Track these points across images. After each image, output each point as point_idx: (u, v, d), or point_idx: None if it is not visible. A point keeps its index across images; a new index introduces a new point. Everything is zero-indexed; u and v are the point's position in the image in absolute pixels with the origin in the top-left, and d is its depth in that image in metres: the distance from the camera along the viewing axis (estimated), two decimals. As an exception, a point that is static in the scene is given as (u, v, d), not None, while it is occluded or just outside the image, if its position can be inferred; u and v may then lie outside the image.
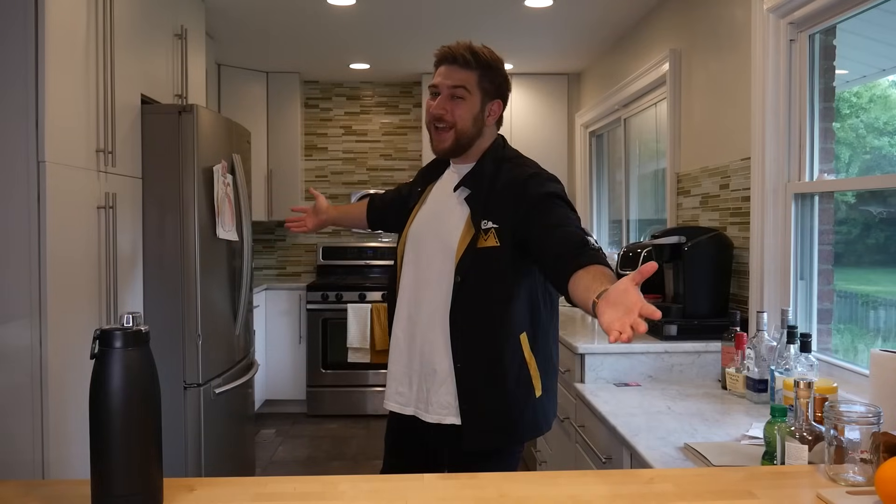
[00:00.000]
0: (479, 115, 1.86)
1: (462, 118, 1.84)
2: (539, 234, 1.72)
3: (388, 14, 4.06)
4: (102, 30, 2.52)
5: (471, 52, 1.83)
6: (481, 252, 1.78)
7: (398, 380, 1.92)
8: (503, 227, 1.78)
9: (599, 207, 5.38)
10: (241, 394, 3.36)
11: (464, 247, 1.80)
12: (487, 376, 1.80)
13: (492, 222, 1.79)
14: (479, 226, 1.79)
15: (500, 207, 1.79)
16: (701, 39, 3.23)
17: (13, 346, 2.15)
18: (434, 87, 1.87)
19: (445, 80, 1.84)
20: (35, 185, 2.15)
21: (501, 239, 1.78)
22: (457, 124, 1.84)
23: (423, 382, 1.86)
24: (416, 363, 1.88)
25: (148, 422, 1.21)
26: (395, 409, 1.93)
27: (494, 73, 1.87)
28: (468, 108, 1.84)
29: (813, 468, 1.42)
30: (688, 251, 2.74)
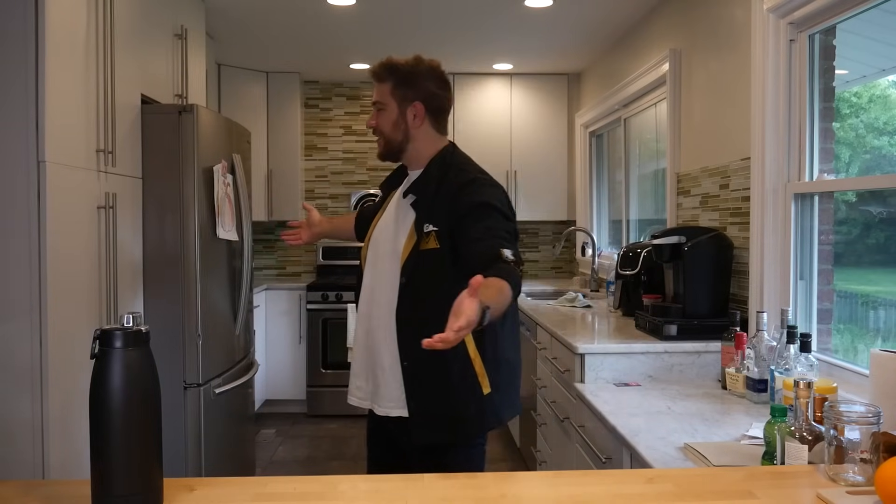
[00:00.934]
0: (399, 120, 2.01)
1: (384, 125, 2.02)
2: (462, 244, 1.85)
3: (388, 14, 4.06)
4: (102, 30, 2.52)
5: (385, 67, 2.01)
6: (423, 254, 1.90)
7: (357, 375, 2.04)
8: (442, 231, 1.89)
9: (599, 207, 5.39)
10: (241, 394, 3.36)
11: (408, 250, 1.93)
12: (431, 373, 1.89)
13: (432, 225, 1.91)
14: (422, 229, 1.91)
15: (441, 211, 1.91)
16: (701, 39, 3.23)
17: (13, 346, 2.15)
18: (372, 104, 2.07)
19: (373, 97, 2.05)
20: (35, 185, 2.15)
21: (441, 241, 1.89)
22: (383, 132, 2.03)
23: (375, 378, 1.98)
24: (370, 360, 2.00)
25: (148, 422, 1.21)
26: (355, 402, 2.06)
27: (410, 79, 2.01)
28: (387, 117, 2.01)
29: (813, 468, 1.42)
30: (688, 251, 2.74)
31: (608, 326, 3.15)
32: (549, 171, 5.66)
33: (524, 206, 5.64)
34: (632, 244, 3.56)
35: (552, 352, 3.08)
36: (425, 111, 2.02)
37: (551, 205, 5.68)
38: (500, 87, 5.64)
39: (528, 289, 5.00)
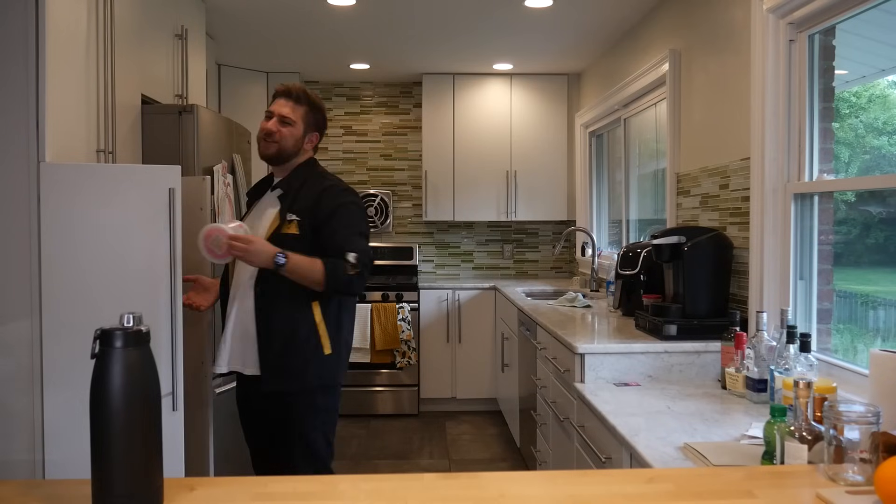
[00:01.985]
0: (299, 140, 2.46)
1: (287, 138, 2.43)
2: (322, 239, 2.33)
3: (388, 14, 4.07)
4: (103, 30, 2.52)
5: (304, 92, 2.47)
6: (282, 236, 2.33)
7: (227, 343, 2.42)
8: (304, 221, 2.35)
9: (599, 207, 5.39)
10: (241, 394, 3.35)
11: (269, 232, 2.35)
12: (283, 334, 2.34)
13: (295, 216, 2.35)
14: (285, 217, 2.36)
15: (304, 206, 2.36)
16: (701, 40, 3.23)
17: (13, 346, 2.15)
18: (270, 112, 2.45)
19: (280, 111, 2.43)
20: (35, 185, 2.15)
21: (301, 229, 2.34)
22: (281, 143, 2.42)
23: (241, 343, 2.39)
24: (237, 328, 2.40)
25: (148, 422, 1.21)
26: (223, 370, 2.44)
27: (319, 113, 2.51)
28: (293, 133, 2.44)
29: (812, 468, 1.42)
30: (688, 251, 2.74)
31: (608, 326, 3.16)
32: (549, 171, 5.66)
33: (524, 206, 5.65)
34: (632, 244, 3.56)
35: (552, 352, 3.08)
36: (317, 142, 2.54)
37: (551, 205, 5.68)
38: (500, 87, 5.64)
39: (527, 289, 5.01)
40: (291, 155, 2.46)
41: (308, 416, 2.41)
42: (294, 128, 2.43)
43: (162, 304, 2.29)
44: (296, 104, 2.44)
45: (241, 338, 2.40)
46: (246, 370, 2.41)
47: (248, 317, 2.37)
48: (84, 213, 2.22)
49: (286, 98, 2.44)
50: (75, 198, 2.21)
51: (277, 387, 2.36)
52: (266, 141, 2.43)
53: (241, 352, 2.40)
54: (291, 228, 2.35)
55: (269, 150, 2.44)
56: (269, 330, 2.35)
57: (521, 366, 4.11)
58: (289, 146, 2.44)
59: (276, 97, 2.47)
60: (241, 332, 2.40)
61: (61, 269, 2.20)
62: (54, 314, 2.19)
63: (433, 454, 4.46)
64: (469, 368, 5.38)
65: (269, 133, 2.42)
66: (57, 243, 2.20)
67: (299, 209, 2.36)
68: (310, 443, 2.42)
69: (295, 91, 2.45)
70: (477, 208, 5.65)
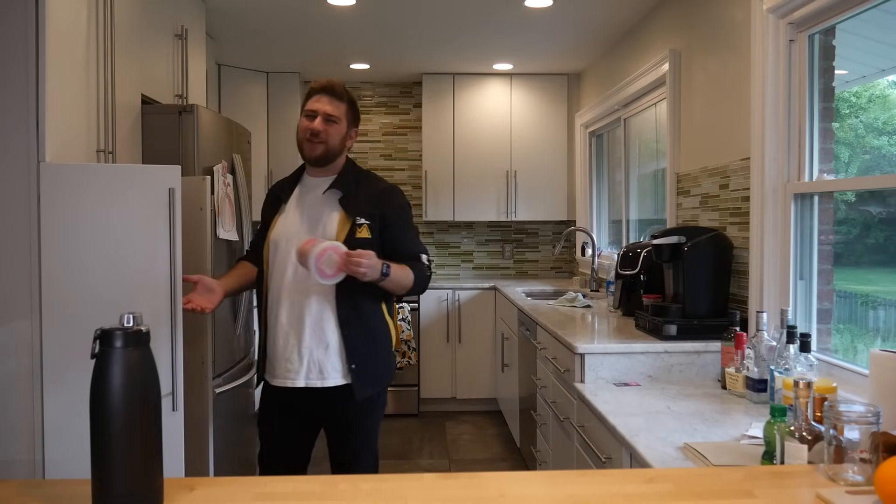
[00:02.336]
0: (343, 137, 2.36)
1: (333, 137, 2.32)
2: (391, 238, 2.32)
3: (388, 14, 4.07)
4: (102, 30, 2.52)
5: (345, 88, 2.36)
6: (357, 241, 2.24)
7: (287, 358, 2.29)
8: (373, 224, 2.30)
9: (599, 207, 5.39)
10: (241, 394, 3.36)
11: (343, 237, 2.25)
12: (367, 339, 2.30)
13: (363, 219, 2.29)
14: (354, 221, 2.28)
15: (368, 208, 2.30)
16: (701, 39, 3.23)
17: (13, 346, 2.15)
18: (312, 111, 2.32)
19: (324, 109, 2.31)
20: (35, 185, 2.15)
21: (372, 232, 2.29)
22: (327, 142, 2.31)
23: (317, 355, 2.27)
24: (309, 339, 2.27)
25: (148, 422, 1.21)
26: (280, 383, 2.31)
27: (356, 109, 2.41)
28: (338, 131, 2.33)
29: (812, 468, 1.42)
30: (688, 251, 2.74)
31: (608, 326, 3.15)
32: (549, 171, 5.66)
33: (524, 206, 5.65)
34: (632, 244, 3.56)
35: (552, 352, 3.08)
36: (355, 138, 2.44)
37: (551, 205, 5.68)
38: (500, 87, 5.64)
39: (527, 289, 5.01)
40: (337, 154, 2.36)
41: (379, 415, 2.41)
42: (339, 125, 2.33)
43: (162, 304, 2.29)
44: (339, 101, 2.33)
45: (315, 349, 2.27)
46: (327, 383, 2.28)
47: (325, 325, 2.27)
48: (84, 213, 2.22)
49: (329, 95, 2.32)
50: (75, 198, 2.21)
51: (368, 392, 2.30)
52: (311, 142, 2.31)
53: (318, 364, 2.28)
54: (363, 232, 2.28)
55: (315, 152, 2.32)
56: (357, 336, 2.28)
57: (521, 366, 4.11)
58: (335, 145, 2.33)
59: (316, 94, 2.34)
60: (315, 342, 2.27)
61: (61, 269, 2.20)
62: (54, 314, 2.19)
63: (433, 454, 4.46)
64: (469, 368, 5.38)
65: (316, 133, 2.30)
66: (57, 243, 2.20)
67: (365, 212, 2.29)
68: (374, 440, 2.43)
69: (338, 87, 2.34)
70: (477, 208, 5.65)
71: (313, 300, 2.27)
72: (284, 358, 2.30)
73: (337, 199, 2.32)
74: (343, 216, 2.29)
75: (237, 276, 2.50)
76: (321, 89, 2.33)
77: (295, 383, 2.29)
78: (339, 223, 2.28)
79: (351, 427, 2.37)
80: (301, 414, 2.39)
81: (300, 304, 2.28)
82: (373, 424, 2.40)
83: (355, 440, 2.38)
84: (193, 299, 2.31)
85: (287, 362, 2.30)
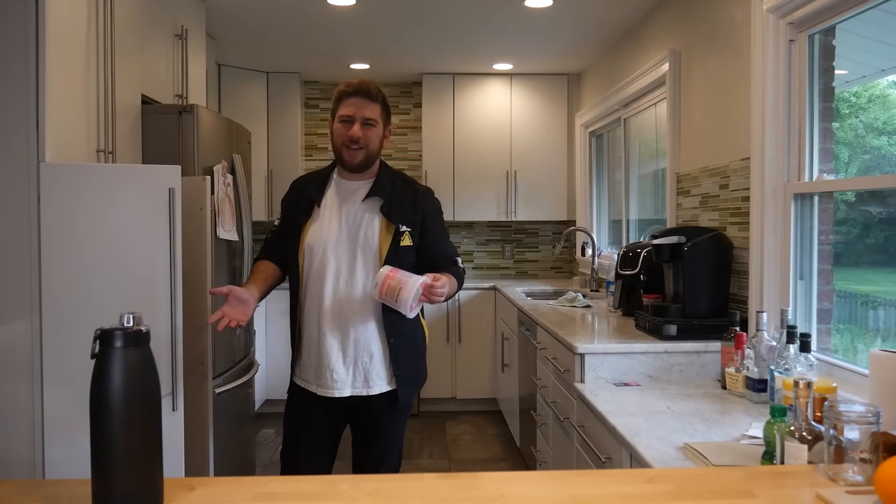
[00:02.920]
0: (381, 138, 2.28)
1: (373, 140, 2.24)
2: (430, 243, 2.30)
3: (388, 14, 4.07)
4: (103, 30, 2.52)
5: (377, 88, 2.25)
6: (402, 249, 2.23)
7: (331, 368, 2.24)
8: (414, 231, 2.26)
9: (599, 207, 5.39)
10: (241, 394, 3.36)
11: (386, 246, 2.22)
12: (410, 343, 2.31)
13: (405, 226, 2.25)
14: (398, 228, 2.23)
15: (406, 214, 2.26)
16: (701, 40, 3.23)
17: (13, 346, 2.15)
18: (348, 117, 2.22)
19: (362, 112, 2.21)
20: (35, 185, 2.15)
21: (413, 239, 2.26)
22: (368, 146, 2.23)
23: (357, 363, 2.24)
24: (350, 350, 2.23)
25: (148, 422, 1.21)
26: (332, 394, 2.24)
27: (388, 105, 2.31)
28: (377, 133, 2.26)
29: (812, 468, 1.42)
30: (688, 251, 2.74)
31: (608, 326, 3.15)
32: (549, 171, 5.66)
33: (524, 206, 5.65)
34: (632, 244, 3.56)
35: (552, 352, 3.08)
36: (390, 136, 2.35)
37: (551, 205, 5.68)
38: (500, 87, 5.64)
39: (527, 289, 5.01)
40: (376, 157, 2.29)
41: (408, 413, 2.41)
42: (377, 128, 2.24)
43: (162, 304, 2.29)
44: (374, 102, 2.22)
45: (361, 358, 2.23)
46: (372, 391, 2.24)
47: (370, 335, 2.23)
48: (84, 212, 2.22)
49: (364, 97, 2.21)
50: (75, 198, 2.21)
51: (410, 396, 2.31)
52: (351, 149, 2.22)
53: (364, 373, 2.24)
54: (406, 240, 2.24)
55: (356, 159, 2.23)
56: (400, 345, 2.25)
57: (521, 366, 4.11)
58: (375, 150, 2.25)
59: (351, 96, 2.22)
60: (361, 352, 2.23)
61: (61, 269, 2.21)
62: (54, 314, 2.19)
63: (433, 454, 4.46)
64: (469, 368, 5.38)
65: (356, 140, 2.20)
66: (57, 243, 2.20)
67: (407, 219, 2.25)
68: (402, 440, 2.41)
69: (372, 88, 2.22)
70: (477, 208, 5.65)
71: (358, 312, 2.22)
72: (328, 368, 2.23)
73: (378, 206, 2.24)
74: (385, 224, 2.23)
75: (264, 279, 2.33)
76: (358, 91, 2.21)
77: (341, 393, 2.23)
78: (382, 232, 2.22)
79: (385, 428, 2.33)
80: (335, 419, 2.34)
81: (345, 316, 2.22)
82: (403, 424, 2.39)
83: (382, 442, 2.34)
84: (227, 313, 2.12)
85: (332, 372, 2.23)
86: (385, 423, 2.33)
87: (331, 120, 2.29)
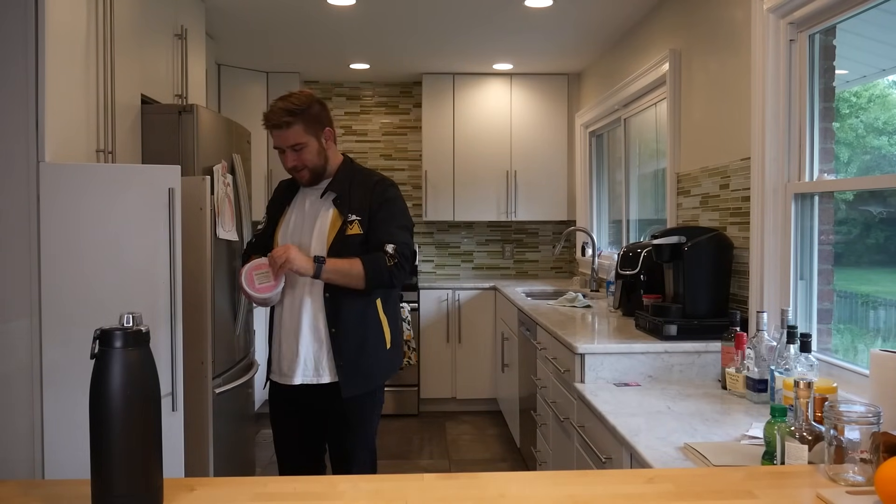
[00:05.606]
0: (320, 149, 2.39)
1: (309, 160, 2.37)
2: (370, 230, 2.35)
3: (388, 14, 4.06)
4: (102, 30, 2.52)
5: (287, 112, 2.31)
6: (348, 238, 2.33)
7: (288, 357, 2.37)
8: (363, 220, 2.35)
9: (599, 207, 5.39)
10: (241, 394, 3.36)
11: (333, 234, 2.33)
12: (356, 335, 2.34)
13: (355, 215, 2.35)
14: (346, 218, 2.35)
15: (359, 204, 2.36)
16: (701, 39, 3.23)
17: (13, 346, 2.15)
18: (279, 148, 2.36)
19: (285, 143, 2.34)
20: (35, 185, 2.15)
21: (363, 227, 2.35)
22: (308, 166, 2.37)
23: (312, 353, 2.35)
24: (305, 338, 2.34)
25: (148, 422, 1.21)
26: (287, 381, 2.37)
27: (312, 113, 2.36)
28: (310, 151, 2.36)
29: (813, 468, 1.42)
30: (688, 251, 2.74)
31: (608, 326, 3.15)
32: (549, 171, 5.66)
33: (524, 206, 5.65)
34: (632, 244, 3.56)
35: (552, 352, 3.08)
36: (332, 133, 2.44)
37: (551, 205, 5.68)
38: (500, 87, 5.64)
39: (528, 289, 5.01)
40: (324, 164, 2.42)
41: (373, 414, 2.45)
42: (310, 146, 2.36)
43: (162, 304, 2.29)
44: (289, 126, 2.32)
45: (310, 346, 2.35)
46: (322, 379, 2.35)
47: (317, 323, 2.35)
48: (84, 212, 2.22)
49: (278, 129, 2.33)
50: (75, 198, 2.21)
51: (355, 391, 2.35)
52: (297, 174, 2.40)
53: (313, 362, 2.36)
54: (354, 228, 2.34)
55: (304, 179, 2.41)
56: (344, 334, 2.33)
57: (521, 366, 4.11)
58: (318, 163, 2.39)
59: (270, 128, 2.36)
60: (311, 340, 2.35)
61: (61, 269, 2.21)
62: (54, 314, 2.19)
63: (433, 454, 4.46)
64: (469, 368, 5.38)
65: (294, 168, 2.38)
66: (57, 243, 2.20)
67: (356, 208, 2.36)
68: (371, 438, 2.46)
69: (280, 116, 2.31)
70: (477, 208, 5.65)
71: (308, 300, 2.35)
72: (286, 357, 2.38)
73: (331, 199, 2.39)
74: (336, 214, 2.37)
75: None
76: (270, 126, 2.34)
77: (293, 381, 2.36)
78: (332, 221, 2.36)
79: (347, 424, 2.41)
80: (303, 410, 2.45)
81: (297, 305, 2.37)
82: (367, 423, 2.44)
83: (351, 437, 2.42)
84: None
85: (287, 361, 2.38)
86: (350, 422, 2.40)
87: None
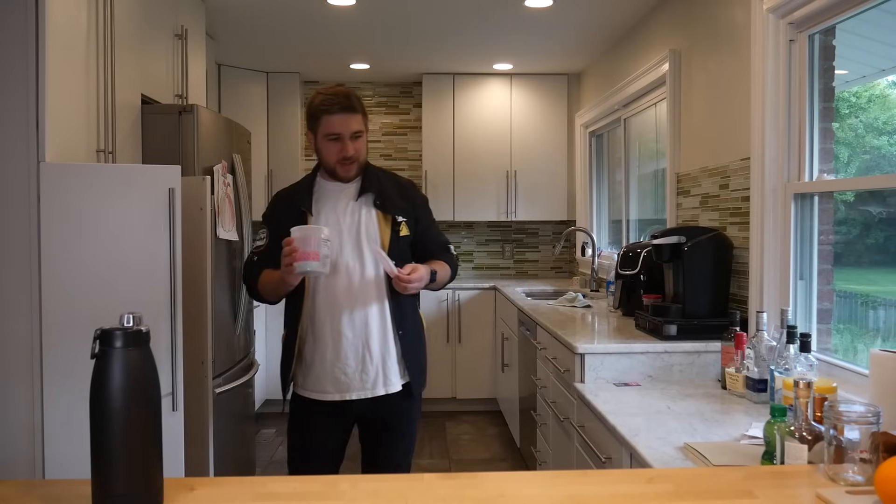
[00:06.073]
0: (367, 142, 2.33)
1: (363, 150, 2.28)
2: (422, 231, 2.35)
3: (388, 14, 4.07)
4: (103, 30, 2.52)
5: (357, 98, 2.24)
6: (402, 240, 2.28)
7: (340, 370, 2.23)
8: (409, 220, 2.30)
9: (599, 207, 5.39)
10: (241, 394, 3.36)
11: (387, 238, 2.24)
12: (415, 338, 2.34)
13: (401, 216, 2.28)
14: (395, 220, 2.27)
15: (400, 205, 2.30)
16: (701, 40, 3.23)
17: (13, 346, 2.15)
18: (335, 134, 2.20)
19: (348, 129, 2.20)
20: (35, 185, 2.15)
21: (410, 228, 2.31)
22: (359, 158, 2.26)
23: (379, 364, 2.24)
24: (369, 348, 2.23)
25: (148, 422, 1.21)
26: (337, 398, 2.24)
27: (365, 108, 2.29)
28: (363, 142, 2.28)
29: (812, 468, 1.42)
30: (688, 251, 2.74)
31: (608, 326, 3.15)
32: (549, 171, 5.66)
33: (524, 205, 5.65)
34: (632, 244, 3.56)
35: (552, 352, 3.08)
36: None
37: (551, 205, 5.68)
38: (500, 87, 5.64)
39: (527, 289, 5.01)
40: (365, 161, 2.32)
41: (419, 415, 2.41)
42: (364, 137, 2.26)
43: (162, 304, 2.29)
44: (356, 113, 2.21)
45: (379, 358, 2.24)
46: (391, 389, 2.25)
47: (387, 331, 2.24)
48: (84, 212, 2.22)
49: (349, 112, 2.20)
50: (75, 198, 2.21)
51: (422, 386, 2.35)
52: (345, 165, 2.23)
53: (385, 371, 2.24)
54: (404, 230, 2.27)
55: (352, 172, 2.25)
56: (406, 335, 2.27)
57: (521, 366, 4.11)
58: (365, 157, 2.30)
59: (335, 112, 2.18)
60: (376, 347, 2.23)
61: (61, 269, 2.21)
62: (54, 314, 2.19)
63: (433, 454, 4.46)
64: (469, 368, 5.38)
65: (349, 158, 2.22)
66: (57, 243, 2.20)
67: (400, 209, 2.28)
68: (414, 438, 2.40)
69: (353, 99, 2.21)
70: (477, 208, 5.65)
71: (374, 306, 2.23)
72: (344, 371, 2.22)
73: (370, 201, 2.26)
74: (381, 217, 2.26)
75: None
76: (339, 108, 2.18)
77: (362, 395, 2.23)
78: (381, 224, 2.25)
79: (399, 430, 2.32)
80: (346, 424, 2.32)
81: (364, 313, 2.22)
82: (416, 426, 2.41)
83: (400, 445, 2.33)
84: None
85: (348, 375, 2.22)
86: (398, 425, 2.31)
87: (311, 135, 2.26)
